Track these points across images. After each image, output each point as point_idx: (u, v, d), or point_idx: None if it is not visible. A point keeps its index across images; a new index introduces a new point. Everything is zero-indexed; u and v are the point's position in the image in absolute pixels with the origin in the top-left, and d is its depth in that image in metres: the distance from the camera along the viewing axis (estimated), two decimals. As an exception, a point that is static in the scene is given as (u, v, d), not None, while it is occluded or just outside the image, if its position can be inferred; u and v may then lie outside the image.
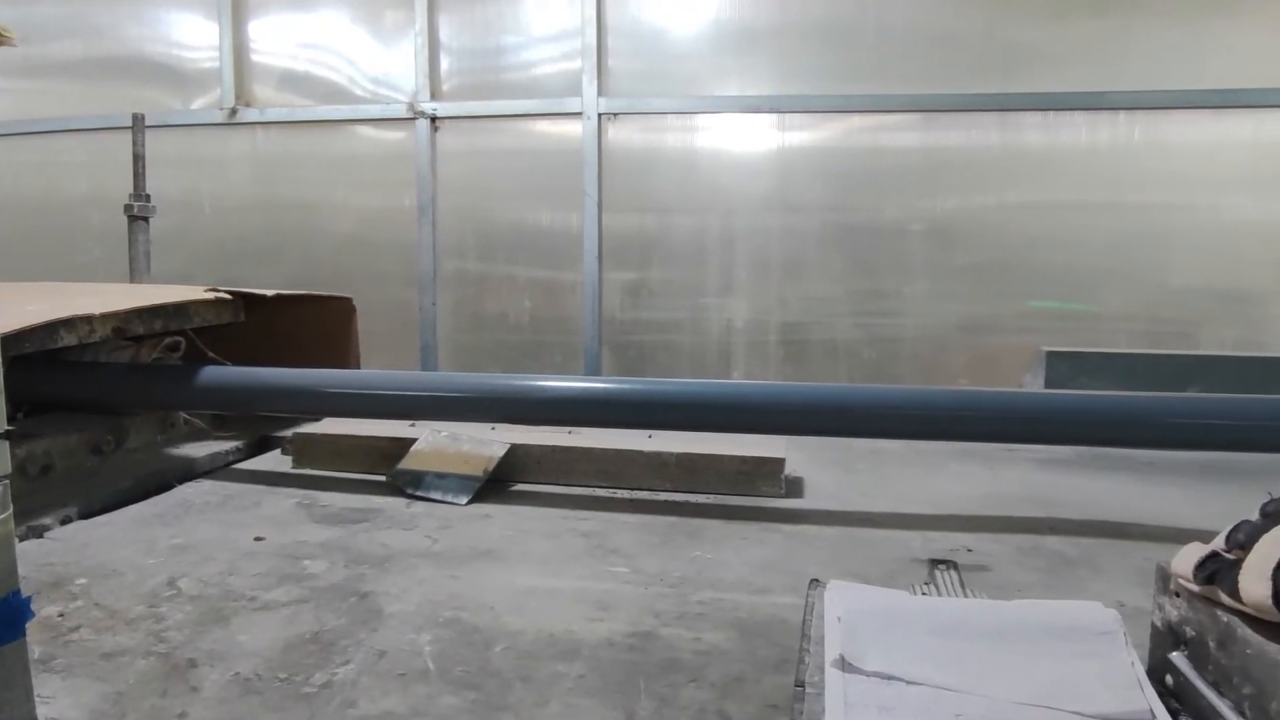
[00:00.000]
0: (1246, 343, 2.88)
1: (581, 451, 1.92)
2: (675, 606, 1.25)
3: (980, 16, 2.92)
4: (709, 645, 1.12)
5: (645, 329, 3.23)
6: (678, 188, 3.14)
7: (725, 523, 1.65)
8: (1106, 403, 1.69)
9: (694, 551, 1.49)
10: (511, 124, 3.24)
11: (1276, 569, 0.78)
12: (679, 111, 3.10)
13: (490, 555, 1.47)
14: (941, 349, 3.05)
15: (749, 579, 1.36)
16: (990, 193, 2.98)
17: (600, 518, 1.68)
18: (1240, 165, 2.85)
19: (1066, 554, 1.48)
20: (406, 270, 3.35)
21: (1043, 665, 0.94)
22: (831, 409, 1.73)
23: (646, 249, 3.19)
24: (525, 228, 3.27)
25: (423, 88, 3.26)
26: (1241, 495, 1.83)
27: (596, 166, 3.14)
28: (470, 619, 1.20)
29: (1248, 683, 0.81)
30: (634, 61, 3.13)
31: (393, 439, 1.98)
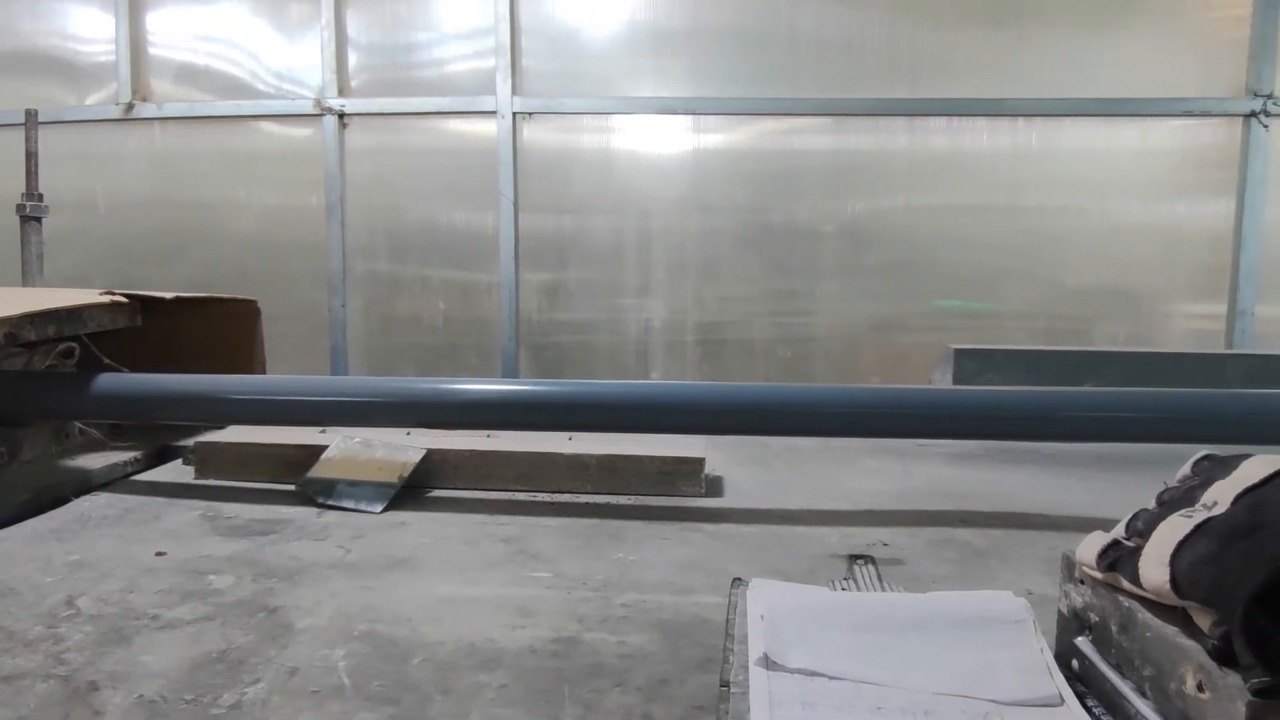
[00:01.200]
0: (1136, 339, 3.04)
1: (500, 455, 1.89)
2: (599, 610, 1.24)
3: (886, 24, 3.00)
4: (633, 648, 1.11)
5: (563, 330, 3.21)
6: (594, 188, 3.13)
7: (647, 523, 1.65)
8: (1011, 398, 1.75)
9: (616, 553, 1.48)
10: (423, 122, 3.17)
11: (1174, 555, 0.82)
12: (595, 112, 3.09)
13: (406, 564, 1.43)
14: (854, 347, 3.12)
15: (672, 579, 1.36)
16: (899, 195, 3.06)
17: (520, 522, 1.66)
18: (1128, 170, 3.00)
19: (977, 545, 1.53)
20: (315, 271, 3.25)
21: (958, 655, 0.96)
22: (749, 408, 1.74)
23: (563, 250, 3.17)
24: (439, 228, 3.21)
25: (330, 84, 3.17)
26: (1136, 484, 1.92)
27: (512, 166, 3.11)
28: (386, 631, 1.17)
29: (1148, 664, 0.85)
30: (549, 61, 3.11)
31: (301, 446, 1.91)
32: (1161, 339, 3.03)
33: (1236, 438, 1.50)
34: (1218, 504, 0.84)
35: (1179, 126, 2.96)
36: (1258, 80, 2.88)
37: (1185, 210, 2.99)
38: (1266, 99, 2.88)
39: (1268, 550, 0.73)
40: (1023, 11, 2.96)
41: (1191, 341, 3.02)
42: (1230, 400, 1.67)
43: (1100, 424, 1.67)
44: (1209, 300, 3.02)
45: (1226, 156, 2.95)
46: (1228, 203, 2.96)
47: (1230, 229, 2.96)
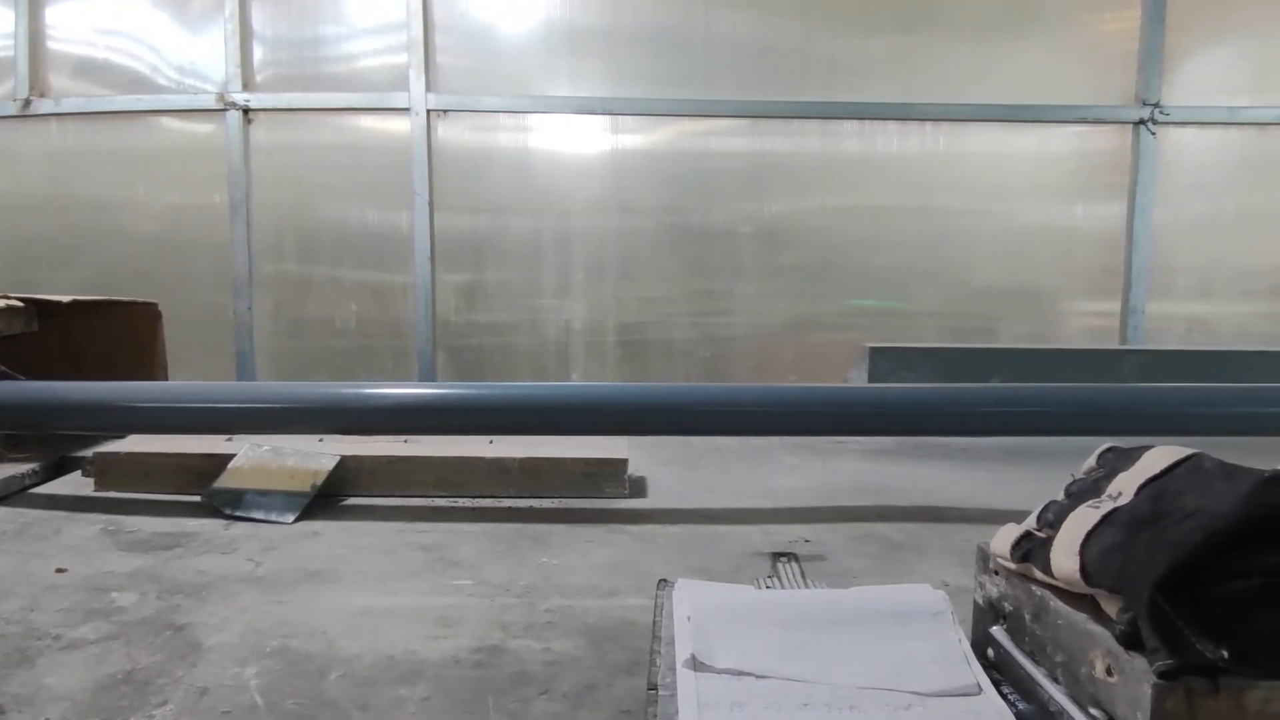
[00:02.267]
0: (1038, 336, 3.16)
1: (419, 461, 1.84)
2: (523, 617, 1.22)
3: (800, 29, 3.05)
4: (559, 654, 1.10)
5: (482, 332, 3.16)
6: (513, 188, 3.10)
7: (571, 526, 1.63)
8: (924, 395, 1.80)
9: (540, 558, 1.46)
10: (333, 118, 3.08)
11: (1083, 545, 0.85)
12: (511, 110, 3.06)
13: (321, 576, 1.38)
14: (772, 346, 3.17)
15: (597, 583, 1.35)
16: (813, 196, 3.12)
17: (441, 529, 1.62)
18: (1029, 174, 3.12)
19: (895, 539, 1.56)
20: (219, 273, 3.13)
21: (881, 649, 0.98)
22: (671, 408, 1.75)
23: (481, 250, 3.13)
24: (350, 227, 3.12)
25: (234, 78, 3.05)
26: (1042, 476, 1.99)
27: (426, 165, 3.05)
28: (301, 646, 1.12)
29: (1060, 651, 0.88)
30: (464, 58, 3.06)
31: (207, 456, 1.84)
32: (1061, 336, 3.16)
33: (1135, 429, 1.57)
34: (1122, 494, 0.88)
35: (1075, 133, 3.09)
36: (1146, 89, 3.03)
37: (1082, 213, 3.13)
38: (1154, 108, 3.03)
39: (1169, 539, 0.76)
40: (930, 20, 3.05)
41: (1089, 338, 3.16)
42: (1127, 394, 1.76)
43: (1007, 419, 1.73)
44: (1104, 298, 3.16)
45: (1118, 162, 3.09)
46: (1120, 206, 3.10)
47: (1123, 231, 3.10)
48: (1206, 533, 0.73)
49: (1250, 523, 0.73)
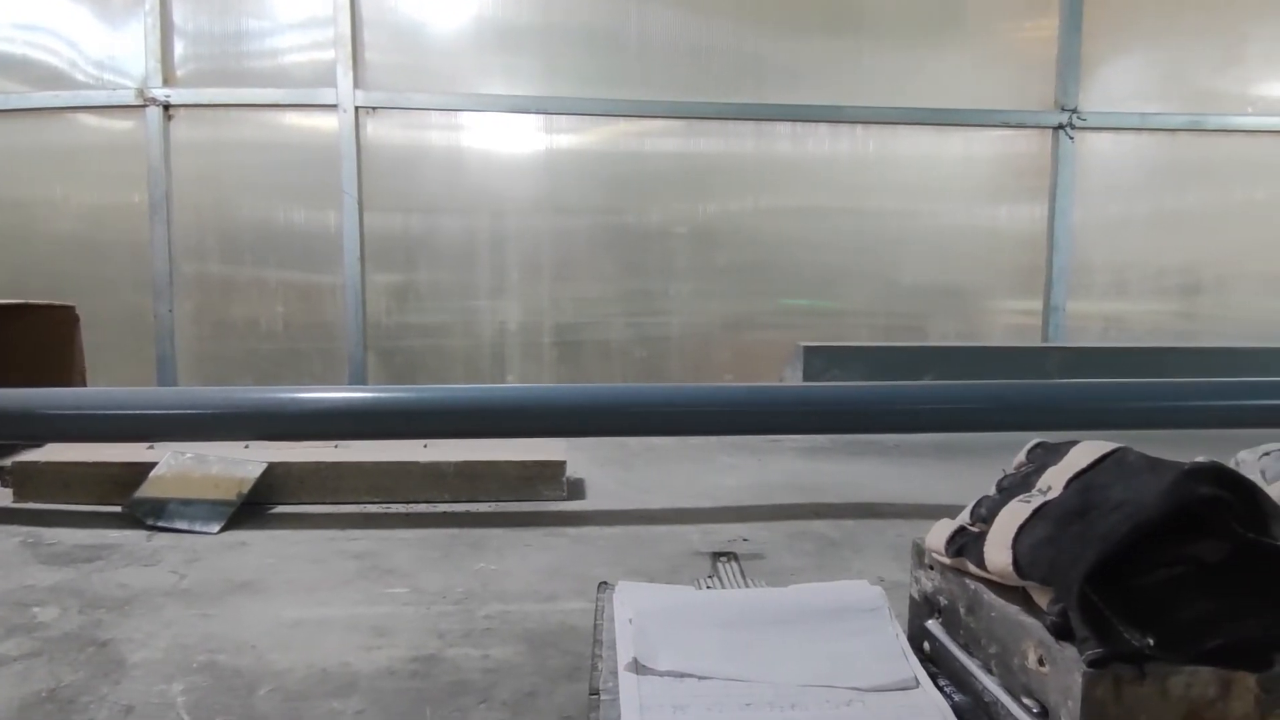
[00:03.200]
0: (966, 334, 3.25)
1: (350, 466, 1.80)
2: (460, 624, 1.19)
3: (733, 31, 3.07)
4: (498, 662, 1.08)
5: (414, 333, 3.11)
6: (444, 187, 3.05)
7: (509, 530, 1.61)
8: (857, 393, 1.82)
9: (478, 563, 1.44)
10: (257, 114, 2.99)
11: (1015, 539, 0.86)
12: (443, 108, 3.01)
13: (248, 588, 1.34)
14: (707, 346, 3.18)
15: (536, 587, 1.33)
16: (747, 197, 3.14)
17: (374, 536, 1.59)
18: (955, 176, 3.20)
19: (831, 536, 1.58)
20: (139, 274, 3.01)
21: (820, 646, 0.98)
22: (609, 409, 1.74)
23: (413, 250, 3.07)
24: (276, 227, 3.04)
25: (154, 73, 2.94)
26: (972, 471, 2.05)
27: (355, 162, 2.98)
28: (229, 661, 1.08)
29: (994, 642, 0.89)
30: (393, 55, 3.00)
31: (128, 464, 1.76)
32: (987, 333, 3.25)
33: (1059, 424, 1.62)
34: (1051, 489, 0.90)
35: (998, 136, 3.18)
36: (1064, 95, 3.14)
37: (1005, 214, 3.22)
38: (1072, 113, 3.14)
39: (1097, 531, 0.78)
40: (859, 25, 3.10)
41: (1013, 335, 3.25)
42: (1051, 390, 1.81)
43: (938, 415, 1.77)
44: (1027, 297, 3.26)
45: (1039, 165, 3.19)
46: (1042, 208, 3.20)
47: (1044, 231, 3.20)
48: (1132, 524, 0.75)
49: (1173, 514, 0.75)
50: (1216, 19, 3.21)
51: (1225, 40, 3.23)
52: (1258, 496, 0.77)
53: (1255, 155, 3.26)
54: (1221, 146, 3.24)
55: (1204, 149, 3.24)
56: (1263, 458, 0.99)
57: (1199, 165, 3.25)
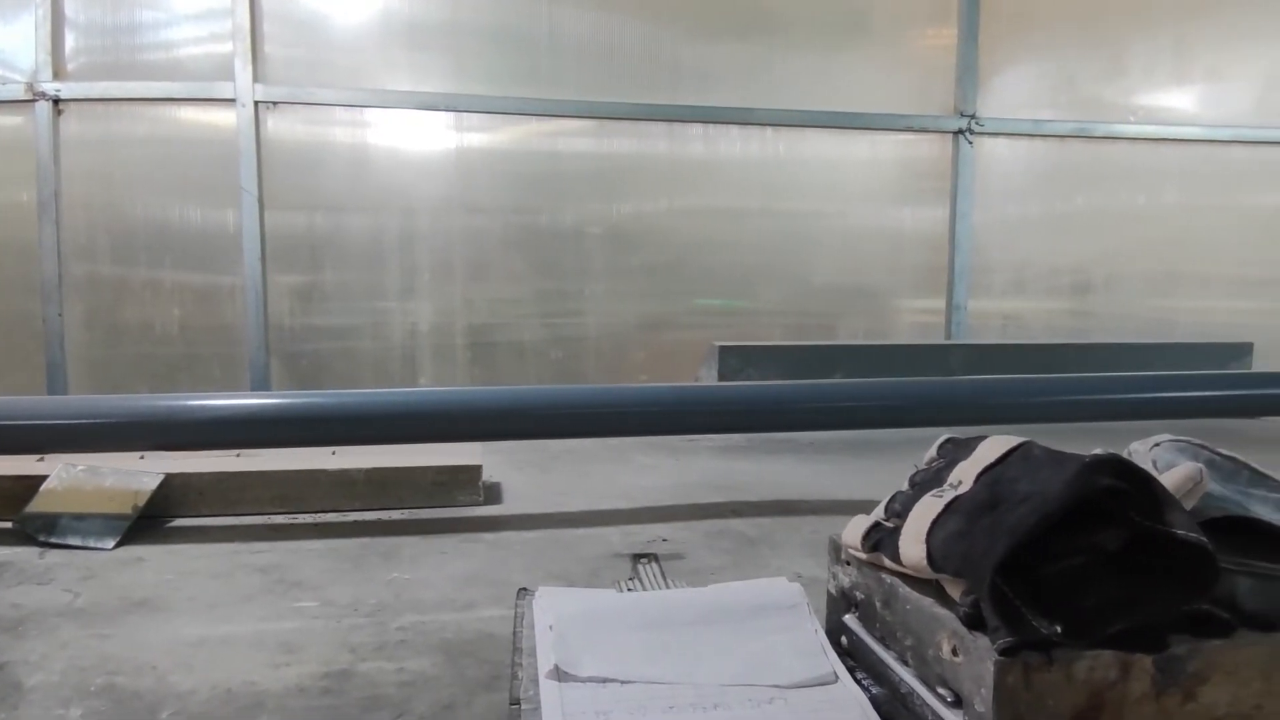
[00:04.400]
0: (874, 332, 3.33)
1: (254, 476, 1.73)
2: (373, 637, 1.16)
3: (646, 32, 3.07)
4: (414, 674, 1.05)
5: (320, 336, 3.01)
6: (350, 185, 2.96)
7: (423, 538, 1.57)
8: (772, 392, 1.85)
9: (391, 573, 1.40)
10: (151, 109, 2.85)
11: (929, 533, 0.88)
12: (347, 104, 2.92)
13: (147, 606, 1.27)
14: (623, 346, 3.18)
15: (453, 595, 1.30)
16: (661, 198, 3.15)
17: (280, 548, 1.53)
18: (862, 179, 3.28)
19: (749, 534, 1.59)
20: (26, 276, 2.83)
21: (742, 644, 0.99)
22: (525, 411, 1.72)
23: (318, 250, 2.97)
24: (172, 226, 2.90)
25: (44, 66, 2.77)
26: (883, 467, 2.10)
27: (255, 159, 2.87)
28: (129, 683, 1.02)
29: (909, 635, 0.91)
30: (295, 48, 2.90)
31: (17, 478, 1.65)
32: (894, 331, 3.34)
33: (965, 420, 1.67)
34: (962, 483, 0.93)
35: (902, 140, 3.28)
36: (963, 102, 3.25)
37: (910, 215, 3.32)
38: (970, 119, 3.25)
39: (1007, 524, 0.80)
40: (769, 30, 3.14)
41: (918, 333, 3.35)
42: (957, 386, 1.87)
43: (851, 413, 1.80)
44: (931, 296, 3.36)
45: (941, 168, 3.30)
46: (943, 210, 3.31)
47: (946, 232, 3.31)
48: (1039, 516, 0.77)
49: (1076, 504, 0.78)
50: (1101, 33, 3.38)
51: (1109, 53, 3.40)
52: (1153, 486, 0.80)
53: (1137, 161, 3.43)
54: (1106, 152, 3.41)
55: (1091, 155, 3.40)
56: (1154, 448, 1.03)
57: (1087, 170, 3.41)
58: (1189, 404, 1.78)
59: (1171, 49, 3.44)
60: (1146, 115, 3.43)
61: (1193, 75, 3.47)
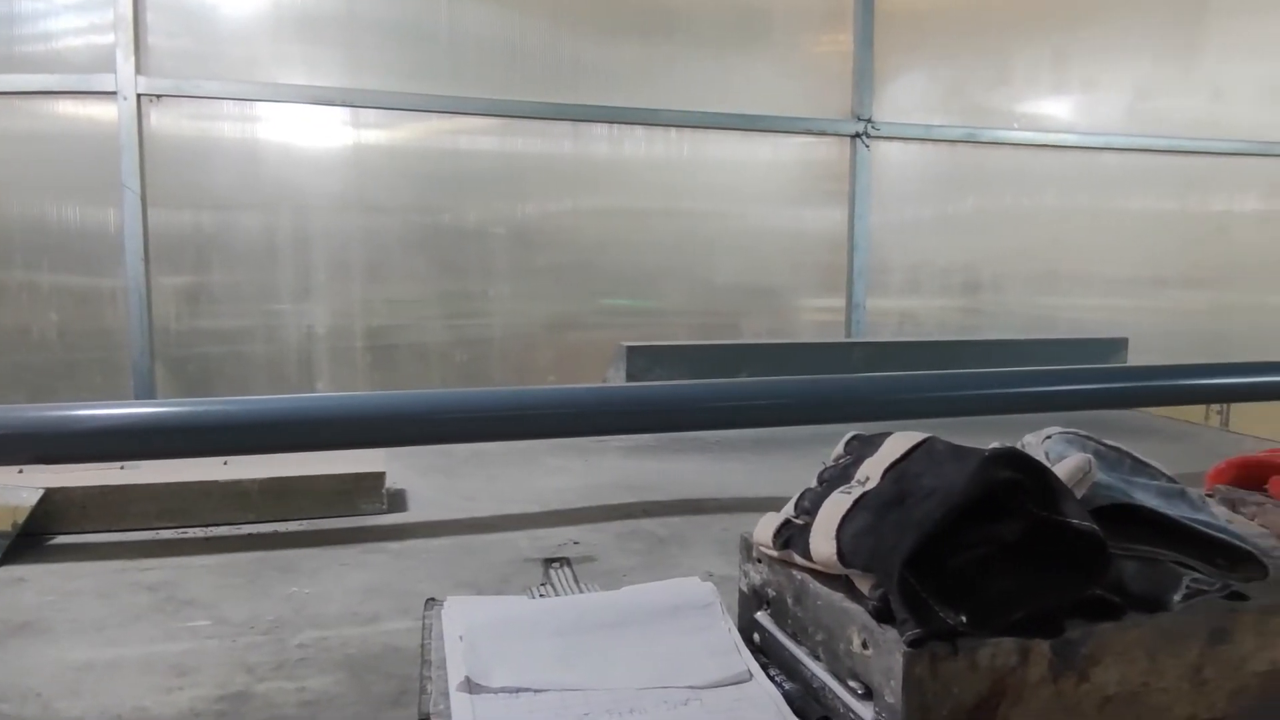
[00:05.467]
0: (777, 331, 3.39)
1: (140, 489, 1.63)
2: (272, 656, 1.11)
3: (548, 31, 3.05)
4: (316, 693, 1.01)
5: (209, 340, 2.87)
6: (240, 182, 2.84)
7: (323, 549, 1.52)
8: (680, 391, 1.86)
9: (289, 588, 1.34)
10: (27, 103, 2.67)
11: (838, 529, 0.90)
12: (237, 98, 2.80)
13: (29, 629, 1.18)
14: (530, 348, 3.15)
15: (356, 609, 1.26)
16: (566, 198, 3.13)
17: (170, 564, 1.45)
18: (763, 180, 3.33)
19: (659, 534, 1.60)
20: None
21: (656, 646, 0.99)
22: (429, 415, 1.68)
23: (205, 250, 2.84)
24: (49, 226, 2.72)
25: (-93, 56, 2.56)
26: (790, 464, 2.14)
27: (137, 155, 2.72)
28: (12, 711, 0.95)
29: (820, 630, 0.93)
30: (181, 39, 2.76)
31: None
32: (796, 330, 3.41)
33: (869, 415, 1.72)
34: (870, 479, 0.95)
35: (802, 143, 3.34)
36: (860, 106, 3.34)
37: (810, 216, 3.39)
38: (867, 123, 3.35)
39: (913, 518, 0.82)
40: (671, 31, 3.16)
41: (820, 331, 3.43)
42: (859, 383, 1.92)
43: (757, 411, 1.83)
44: (831, 295, 3.44)
45: (840, 170, 3.38)
46: (842, 211, 3.39)
47: (845, 233, 3.40)
48: (944, 510, 0.80)
49: (978, 498, 0.80)
50: (987, 44, 3.53)
51: (994, 63, 3.55)
52: (1048, 478, 0.84)
53: (1020, 165, 3.60)
54: (993, 157, 3.56)
55: (979, 159, 3.55)
56: (1045, 440, 1.08)
57: (975, 174, 3.55)
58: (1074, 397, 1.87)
59: (1051, 61, 3.62)
60: (1029, 122, 3.59)
61: (1070, 86, 3.66)
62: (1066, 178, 3.65)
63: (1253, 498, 1.19)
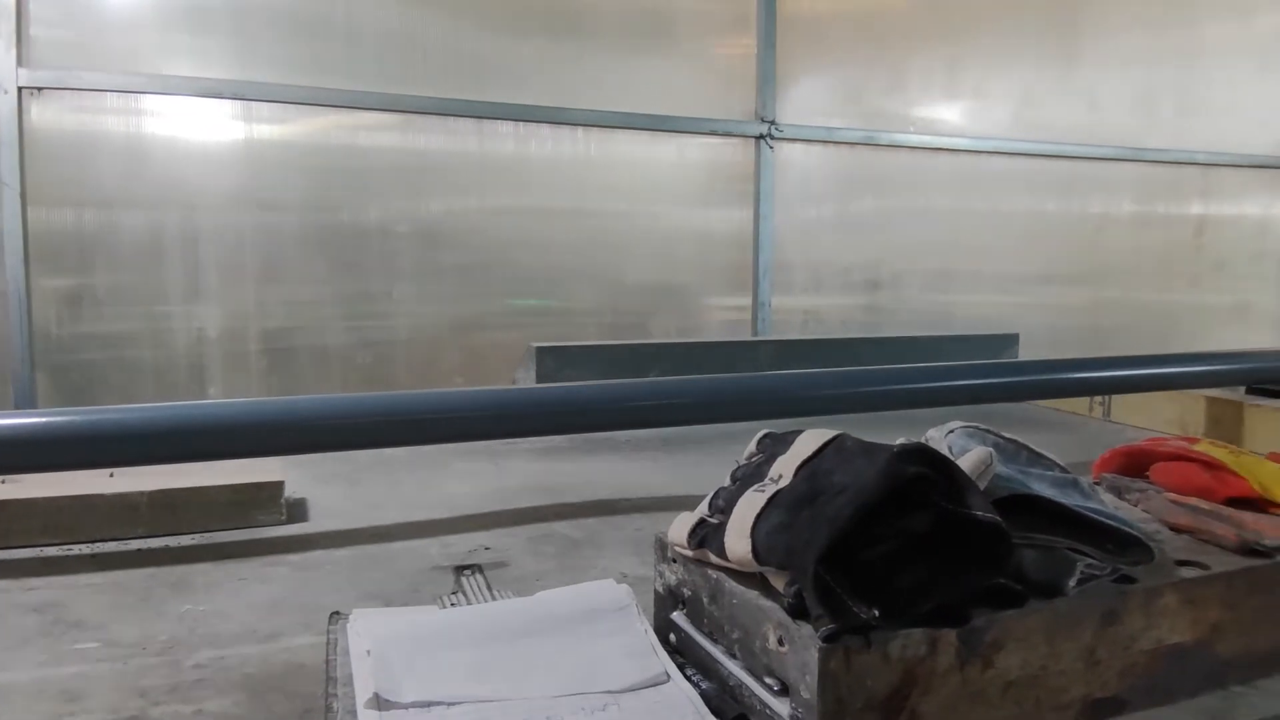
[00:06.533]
0: (685, 330, 3.42)
1: (18, 505, 1.53)
2: (166, 678, 1.05)
3: (450, 25, 2.99)
4: (214, 716, 0.96)
5: (93, 345, 2.71)
6: (127, 178, 2.69)
7: (219, 564, 1.45)
8: (591, 392, 1.84)
9: (183, 605, 1.27)
10: (-119, 92, 2.47)
11: (753, 527, 0.91)
12: (122, 90, 2.65)
13: (-118, 664, 1.09)
14: (436, 349, 3.08)
15: (255, 625, 1.20)
16: (471, 196, 3.08)
17: (55, 584, 1.36)
18: (670, 180, 3.35)
19: (572, 536, 1.58)
20: None
21: (573, 652, 0.97)
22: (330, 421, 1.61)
23: (88, 250, 2.68)
24: (-90, 225, 2.52)
25: None
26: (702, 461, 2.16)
27: (17, 150, 2.54)
28: None
29: (736, 628, 0.93)
30: (64, 30, 2.59)
31: None
32: (705, 328, 3.44)
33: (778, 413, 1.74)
34: (783, 477, 0.96)
35: (708, 144, 3.38)
36: (764, 108, 3.40)
37: (717, 216, 3.43)
38: (771, 124, 3.40)
39: (826, 515, 0.84)
40: (576, 29, 3.15)
41: (727, 330, 3.47)
42: (768, 381, 1.94)
43: (668, 410, 1.83)
44: (738, 294, 3.49)
45: (745, 171, 3.43)
46: (748, 211, 3.44)
47: (750, 232, 3.45)
48: (856, 506, 0.81)
49: (888, 493, 0.82)
50: (884, 50, 3.63)
51: (892, 68, 3.66)
52: (953, 471, 0.86)
53: (916, 168, 3.72)
54: (890, 159, 3.67)
55: (877, 161, 3.65)
56: (948, 434, 1.11)
57: (874, 175, 3.66)
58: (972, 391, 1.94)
59: (943, 68, 3.76)
60: (923, 126, 3.72)
61: (961, 92, 3.81)
62: (959, 180, 3.80)
63: (1136, 485, 1.26)
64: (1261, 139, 4.40)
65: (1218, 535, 1.07)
